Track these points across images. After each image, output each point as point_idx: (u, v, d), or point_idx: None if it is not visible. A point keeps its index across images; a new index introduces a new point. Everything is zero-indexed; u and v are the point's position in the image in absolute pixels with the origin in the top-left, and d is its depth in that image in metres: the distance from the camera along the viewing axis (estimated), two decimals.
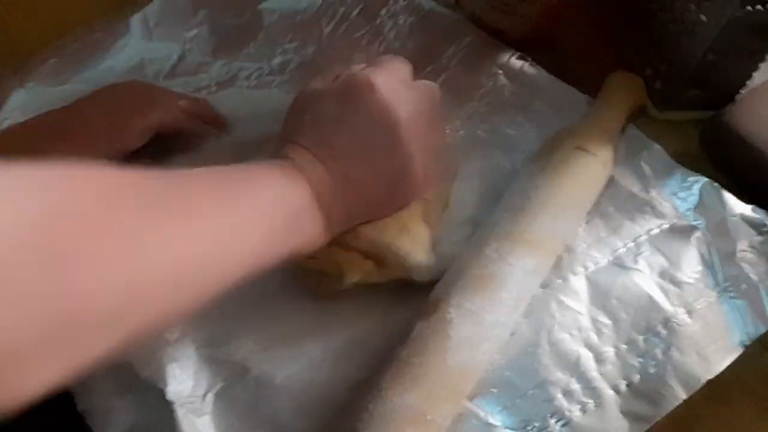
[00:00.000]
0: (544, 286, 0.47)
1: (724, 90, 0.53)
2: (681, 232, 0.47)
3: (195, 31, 0.62)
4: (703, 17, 0.48)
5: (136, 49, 0.61)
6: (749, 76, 0.53)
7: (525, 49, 0.57)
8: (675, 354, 0.43)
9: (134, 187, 0.29)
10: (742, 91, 0.53)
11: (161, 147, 0.53)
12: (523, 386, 0.43)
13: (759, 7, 0.45)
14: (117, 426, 0.44)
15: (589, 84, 0.55)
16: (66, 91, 0.59)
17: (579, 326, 0.45)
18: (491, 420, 0.42)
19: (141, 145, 0.51)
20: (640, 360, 0.43)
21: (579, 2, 0.61)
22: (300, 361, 0.46)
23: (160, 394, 0.44)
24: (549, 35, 0.59)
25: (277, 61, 0.60)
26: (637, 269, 0.46)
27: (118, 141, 0.49)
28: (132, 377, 0.45)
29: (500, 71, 0.56)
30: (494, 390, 0.43)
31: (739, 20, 0.46)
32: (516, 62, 0.56)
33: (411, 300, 0.46)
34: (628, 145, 0.51)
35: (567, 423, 0.42)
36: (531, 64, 0.56)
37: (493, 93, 0.56)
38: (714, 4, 0.47)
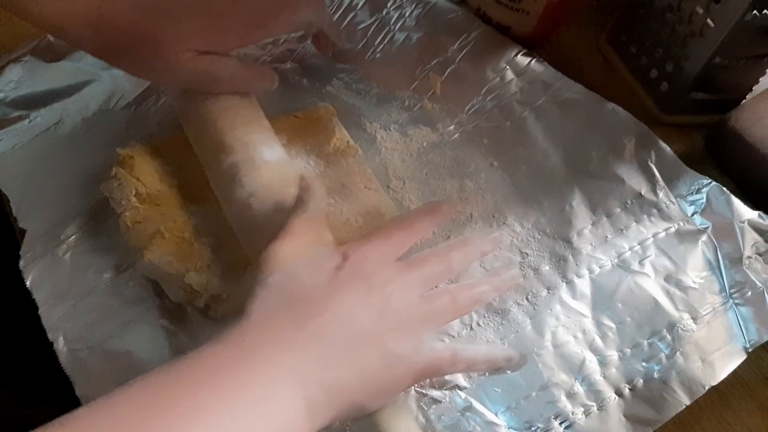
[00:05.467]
0: (549, 287, 0.47)
1: (731, 94, 0.53)
2: (688, 235, 0.47)
3: None
4: (711, 21, 0.48)
5: None
6: (756, 81, 0.53)
7: (529, 47, 0.57)
8: (679, 359, 0.43)
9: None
10: (749, 96, 0.53)
11: None
12: (527, 387, 0.44)
13: (767, 11, 0.45)
14: None
15: (594, 83, 0.54)
16: (62, 68, 0.58)
17: (583, 329, 0.45)
18: (495, 420, 0.42)
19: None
20: (644, 364, 0.44)
21: (583, 0, 0.60)
22: None
23: None
24: (553, 33, 0.59)
25: (280, 50, 0.59)
26: (643, 273, 0.46)
27: (262, 27, 0.46)
28: (136, 367, 0.44)
29: (507, 66, 0.56)
30: (498, 390, 0.44)
31: (747, 24, 0.46)
32: (523, 58, 0.56)
33: None
34: (637, 144, 0.51)
35: (570, 425, 0.42)
36: (538, 61, 0.55)
37: (500, 88, 0.55)
38: (722, 8, 0.47)
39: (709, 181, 0.49)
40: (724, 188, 0.48)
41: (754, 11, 0.45)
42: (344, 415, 0.37)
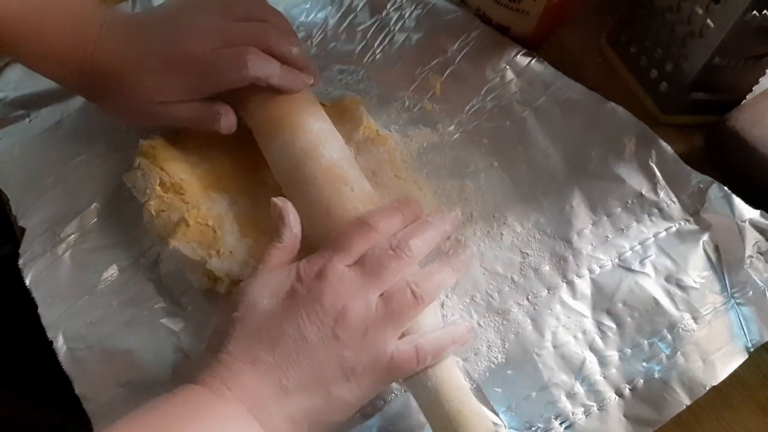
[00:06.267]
0: (550, 287, 0.47)
1: (730, 94, 0.53)
2: (689, 235, 0.47)
3: None
4: (711, 21, 0.48)
5: None
6: (756, 81, 0.53)
7: (529, 47, 0.57)
8: (680, 359, 0.43)
9: None
10: (749, 96, 0.53)
11: None
12: (527, 387, 0.43)
13: (766, 12, 0.45)
14: (115, 413, 0.43)
15: (594, 83, 0.54)
16: None
17: (583, 329, 0.45)
18: (495, 420, 0.42)
19: None
20: (645, 364, 0.44)
21: (583, 0, 0.60)
22: None
23: (165, 386, 0.43)
24: (553, 33, 0.59)
25: None
26: (644, 272, 0.46)
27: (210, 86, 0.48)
28: (135, 367, 0.44)
29: (507, 66, 0.56)
30: (498, 390, 0.43)
31: (747, 25, 0.46)
32: (523, 58, 0.56)
33: None
34: (637, 143, 0.51)
35: (570, 425, 0.42)
36: (538, 61, 0.55)
37: (500, 88, 0.55)
38: (722, 8, 0.47)
39: (711, 180, 0.48)
40: (725, 187, 0.48)
41: (754, 11, 0.45)
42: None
